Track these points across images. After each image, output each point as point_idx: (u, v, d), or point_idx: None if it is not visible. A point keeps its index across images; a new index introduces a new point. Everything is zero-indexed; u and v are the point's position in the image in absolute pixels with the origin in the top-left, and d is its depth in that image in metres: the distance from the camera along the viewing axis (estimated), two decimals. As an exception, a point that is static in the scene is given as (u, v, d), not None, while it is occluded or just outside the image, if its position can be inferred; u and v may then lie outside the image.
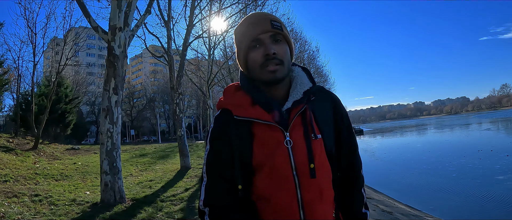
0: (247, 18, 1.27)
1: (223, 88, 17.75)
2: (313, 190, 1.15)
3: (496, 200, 9.63)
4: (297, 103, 1.21)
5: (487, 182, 11.60)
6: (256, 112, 1.18)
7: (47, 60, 23.82)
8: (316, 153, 1.18)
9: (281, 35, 1.22)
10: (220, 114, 1.27)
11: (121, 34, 5.84)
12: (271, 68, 1.17)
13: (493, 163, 15.34)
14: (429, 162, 17.86)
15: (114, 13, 5.85)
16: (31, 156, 13.95)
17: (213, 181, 1.20)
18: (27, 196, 6.76)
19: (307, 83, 1.28)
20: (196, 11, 12.25)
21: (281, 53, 1.20)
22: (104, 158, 5.77)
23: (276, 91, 1.24)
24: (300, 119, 1.21)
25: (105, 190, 5.76)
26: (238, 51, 1.28)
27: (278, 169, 1.14)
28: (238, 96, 1.25)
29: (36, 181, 8.92)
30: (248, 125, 1.18)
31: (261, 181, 1.16)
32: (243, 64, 1.27)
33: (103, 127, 5.81)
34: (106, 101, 5.80)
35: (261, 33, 1.19)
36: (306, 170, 1.15)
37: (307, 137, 1.18)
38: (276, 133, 1.16)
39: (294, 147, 1.16)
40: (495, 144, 23.45)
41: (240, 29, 1.26)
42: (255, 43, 1.20)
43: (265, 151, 1.16)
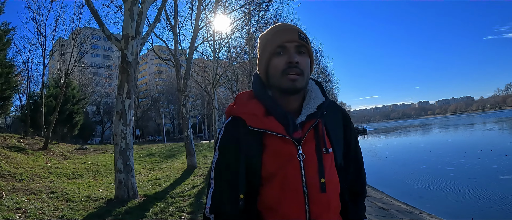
0: (275, 26, 1.30)
1: (228, 89, 18.23)
2: (322, 204, 1.17)
3: (491, 199, 9.88)
4: (311, 117, 1.23)
5: (483, 182, 11.86)
6: (270, 123, 1.19)
7: (54, 61, 24.25)
8: (327, 167, 1.20)
9: (305, 47, 1.24)
10: (231, 121, 1.27)
11: (133, 42, 6.30)
12: (291, 76, 1.19)
13: (492, 163, 15.56)
14: (429, 162, 18.11)
15: (127, 23, 6.31)
16: (42, 155, 14.43)
17: (221, 189, 1.22)
18: (44, 193, 7.23)
19: (320, 97, 1.30)
20: (202, 15, 12.72)
21: (303, 64, 1.22)
22: (118, 157, 6.23)
23: (290, 102, 1.26)
24: (313, 133, 1.22)
25: (119, 187, 6.22)
26: (261, 56, 1.29)
27: (289, 182, 1.15)
28: (251, 105, 1.26)
29: (50, 179, 9.40)
30: (260, 135, 1.20)
31: (270, 192, 1.18)
32: (264, 69, 1.28)
33: (117, 129, 6.27)
34: (120, 105, 6.26)
35: (287, 42, 1.21)
36: (316, 184, 1.16)
37: (319, 151, 1.20)
38: (289, 146, 1.17)
39: (306, 160, 1.17)
40: (495, 143, 23.59)
41: (267, 35, 1.28)
42: (280, 50, 1.22)
43: (277, 163, 1.17)
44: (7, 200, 6.30)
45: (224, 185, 1.21)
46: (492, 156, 17.35)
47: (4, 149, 12.83)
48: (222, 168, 1.23)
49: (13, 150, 13.35)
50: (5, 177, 8.78)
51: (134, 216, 5.25)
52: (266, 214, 1.18)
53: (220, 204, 1.19)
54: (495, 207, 9.19)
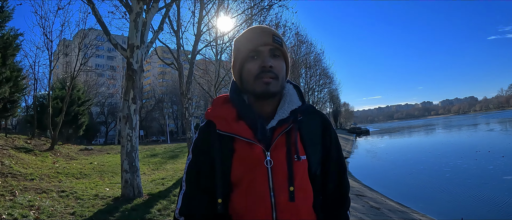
0: (249, 30, 1.27)
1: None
2: (290, 213, 1.14)
3: (482, 200, 10.20)
4: (283, 122, 1.20)
5: (477, 183, 12.17)
6: (239, 128, 1.18)
7: (58, 63, 24.74)
8: (298, 175, 1.16)
9: (280, 50, 1.23)
10: (205, 124, 1.27)
11: (138, 51, 6.73)
12: (265, 80, 1.17)
13: (488, 164, 15.85)
14: (427, 163, 18.39)
15: (132, 33, 6.74)
16: (49, 156, 14.87)
17: (192, 191, 1.21)
18: (54, 192, 7.67)
19: (296, 102, 1.27)
20: (204, 19, 13.12)
21: (278, 68, 1.20)
22: (125, 158, 6.67)
23: (264, 107, 1.24)
24: (284, 139, 1.19)
25: (125, 186, 6.67)
26: (235, 61, 1.27)
27: (255, 188, 1.14)
28: (224, 109, 1.25)
29: (59, 179, 9.83)
30: (231, 139, 1.18)
31: (238, 197, 1.16)
32: (238, 74, 1.27)
33: (123, 132, 6.71)
34: (126, 109, 6.70)
35: (261, 45, 1.19)
36: (285, 192, 1.13)
37: (290, 158, 1.16)
38: (257, 152, 1.15)
39: (274, 167, 1.15)
40: (494, 144, 23.79)
41: (241, 39, 1.26)
42: (253, 54, 1.20)
43: (244, 168, 1.16)
44: (20, 198, 6.74)
45: (195, 188, 1.21)
46: (489, 157, 17.60)
47: (13, 150, 13.27)
48: (194, 171, 1.23)
49: (21, 151, 13.79)
50: (16, 177, 9.21)
51: (139, 213, 5.70)
52: (236, 218, 1.17)
53: (190, 207, 1.19)
54: (485, 207, 9.50)
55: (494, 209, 9.31)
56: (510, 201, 9.82)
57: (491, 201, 10.03)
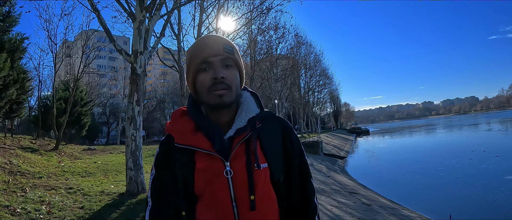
0: (200, 40, 1.25)
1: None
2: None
3: (472, 197, 10.67)
4: (241, 131, 1.20)
5: (468, 181, 12.62)
6: (197, 140, 1.17)
7: (61, 64, 25.22)
8: (259, 183, 1.16)
9: (232, 59, 1.22)
10: (165, 139, 1.27)
11: (142, 57, 7.19)
12: (219, 92, 1.16)
13: (481, 163, 16.32)
14: (423, 162, 18.90)
15: (135, 40, 7.20)
16: (54, 156, 15.32)
17: (157, 207, 1.20)
18: (62, 189, 8.12)
19: (253, 110, 1.26)
20: (205, 23, 13.59)
21: (230, 78, 1.19)
22: (129, 157, 7.14)
23: (221, 117, 1.23)
24: (243, 148, 1.19)
25: (130, 182, 7.13)
26: (187, 72, 1.26)
27: (217, 200, 1.14)
28: (182, 122, 1.24)
29: (65, 177, 10.29)
30: (191, 152, 1.18)
31: (202, 209, 1.16)
32: (191, 86, 1.25)
33: (128, 132, 7.17)
34: (131, 111, 7.16)
35: (211, 56, 1.18)
36: (246, 201, 1.14)
37: (249, 166, 1.16)
38: (216, 163, 1.15)
39: (235, 177, 1.14)
40: (490, 144, 24.29)
41: (192, 50, 1.24)
42: (205, 65, 1.18)
43: (205, 180, 1.15)
44: (31, 194, 7.19)
45: (160, 203, 1.20)
46: (483, 157, 18.04)
47: (20, 150, 13.72)
48: (158, 186, 1.22)
49: (27, 151, 14.24)
50: (25, 175, 9.67)
51: (144, 206, 6.16)
52: None
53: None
54: (474, 205, 9.98)
55: (482, 206, 9.74)
56: (498, 199, 10.28)
57: (480, 199, 10.46)
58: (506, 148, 21.33)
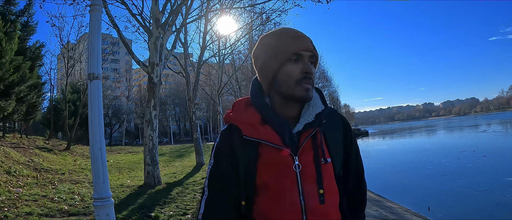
0: (286, 31, 1.24)
1: (232, 95, 20.59)
2: (320, 215, 1.14)
3: (452, 192, 11.42)
4: (309, 127, 1.19)
5: (451, 178, 13.39)
6: (266, 133, 1.16)
7: (72, 69, 26.35)
8: (326, 177, 1.17)
9: (315, 58, 1.22)
10: (227, 129, 1.24)
11: (158, 68, 8.35)
12: (306, 86, 1.16)
13: (468, 162, 17.01)
14: (414, 162, 19.59)
15: (152, 53, 8.36)
16: (67, 155, 16.46)
17: (215, 196, 1.19)
18: (86, 183, 9.26)
19: (319, 106, 1.26)
20: (210, 33, 14.72)
21: (314, 75, 1.20)
22: (147, 154, 8.29)
23: (288, 111, 1.22)
24: (310, 142, 1.19)
25: (147, 176, 8.27)
26: (268, 60, 1.21)
27: (285, 193, 1.13)
28: (248, 114, 1.22)
29: (84, 173, 11.41)
30: (256, 144, 1.16)
31: (266, 201, 1.15)
32: (271, 75, 1.21)
33: (146, 133, 8.32)
34: (148, 115, 8.31)
35: (303, 50, 1.17)
36: (315, 195, 1.13)
37: (317, 161, 1.17)
38: (285, 156, 1.14)
39: (303, 171, 1.14)
40: (482, 145, 24.74)
41: (279, 39, 1.21)
42: (295, 57, 1.17)
43: (272, 173, 1.15)
44: (60, 187, 8.33)
45: (218, 193, 1.19)
46: (471, 156, 18.62)
47: (37, 149, 14.85)
48: (217, 175, 1.21)
49: (43, 150, 15.36)
50: (49, 171, 10.80)
51: (162, 195, 7.32)
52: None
53: (213, 212, 1.18)
54: (452, 198, 10.70)
55: (459, 200, 10.48)
56: (476, 193, 11.15)
57: (459, 193, 11.21)
58: (495, 148, 21.89)
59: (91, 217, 5.81)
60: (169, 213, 5.88)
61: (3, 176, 8.38)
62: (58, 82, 31.34)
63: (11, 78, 10.80)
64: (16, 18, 14.19)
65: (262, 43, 1.26)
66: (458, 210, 9.47)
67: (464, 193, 11.23)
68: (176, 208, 6.20)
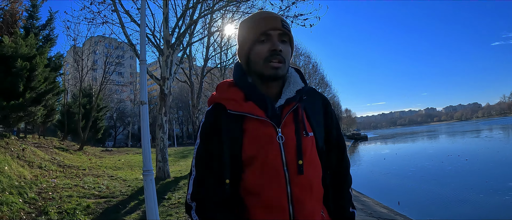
0: (257, 14, 1.31)
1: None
2: (303, 186, 1.17)
3: (423, 190, 12.52)
4: (290, 101, 1.25)
5: (428, 179, 14.59)
6: (249, 107, 1.21)
7: (86, 75, 28.09)
8: (307, 149, 1.21)
9: (288, 36, 1.26)
10: (211, 108, 1.29)
11: (168, 81, 10.05)
12: (274, 64, 1.21)
13: (449, 165, 18.14)
14: (400, 164, 20.94)
15: (164, 69, 10.06)
16: (81, 154, 18.11)
17: (202, 176, 1.23)
18: (106, 177, 10.91)
19: (299, 83, 1.32)
20: (213, 44, 16.41)
21: (286, 52, 1.24)
22: (158, 153, 9.97)
23: (269, 88, 1.28)
24: (292, 116, 1.24)
25: (158, 171, 9.95)
26: (242, 43, 1.30)
27: (269, 164, 1.16)
28: (231, 92, 1.27)
29: (102, 170, 13.04)
30: (240, 119, 1.21)
31: (251, 175, 1.18)
32: (245, 56, 1.29)
33: (158, 135, 10.00)
34: (160, 120, 10.00)
35: (271, 29, 1.22)
36: (294, 165, 1.17)
37: (298, 133, 1.21)
38: (269, 129, 1.19)
39: (286, 143, 1.18)
40: (468, 149, 26.02)
41: (249, 22, 1.29)
42: (263, 37, 1.23)
43: (256, 146, 1.18)
44: (86, 179, 9.96)
45: (205, 172, 1.23)
46: (455, 160, 19.70)
47: (55, 149, 16.50)
48: (203, 155, 1.24)
49: (61, 150, 17.00)
50: (71, 167, 12.42)
51: (171, 185, 9.02)
52: (248, 198, 1.19)
53: (201, 191, 1.21)
54: (423, 196, 11.78)
55: (429, 197, 11.54)
56: (446, 192, 11.89)
57: (431, 192, 12.28)
58: (480, 153, 22.69)
59: (118, 199, 7.49)
60: (178, 196, 7.61)
61: (37, 170, 10.02)
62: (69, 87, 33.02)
63: (41, 88, 12.52)
64: (38, 32, 15.95)
65: (239, 29, 1.34)
66: (424, 205, 10.56)
67: (435, 191, 12.24)
68: (183, 194, 7.90)
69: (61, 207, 6.31)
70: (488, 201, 10.09)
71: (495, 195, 10.59)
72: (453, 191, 11.98)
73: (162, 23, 10.38)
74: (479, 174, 14.79)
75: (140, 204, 6.96)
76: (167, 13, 10.09)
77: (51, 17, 16.96)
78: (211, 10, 10.68)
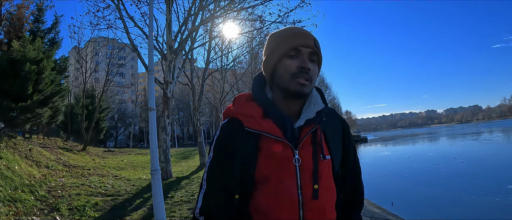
0: (291, 28, 1.29)
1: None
2: (316, 211, 1.16)
3: (420, 192, 12.62)
4: (310, 122, 1.22)
5: (424, 181, 14.68)
6: (268, 126, 1.18)
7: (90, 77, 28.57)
8: (323, 173, 1.19)
9: (317, 56, 1.25)
10: (227, 122, 1.26)
11: (171, 85, 10.48)
12: (301, 81, 1.18)
13: (444, 167, 18.29)
14: (397, 166, 21.07)
15: (167, 73, 10.49)
16: (85, 155, 18.57)
17: (213, 191, 1.20)
18: (111, 176, 11.35)
19: (320, 104, 1.29)
20: (214, 47, 16.83)
21: (313, 72, 1.22)
22: (161, 154, 10.40)
23: (290, 106, 1.25)
24: (310, 138, 1.21)
25: (161, 171, 10.24)
26: (270, 54, 1.27)
27: (284, 186, 1.14)
28: (249, 107, 1.24)
29: (106, 170, 13.49)
30: (256, 137, 1.18)
31: (264, 195, 1.16)
32: (271, 69, 1.26)
33: (160, 137, 10.43)
34: (163, 122, 10.44)
35: (302, 46, 1.21)
36: (309, 190, 1.15)
37: (315, 157, 1.19)
38: (286, 150, 1.17)
39: (302, 165, 1.16)
40: (465, 152, 26.21)
41: (280, 35, 1.27)
42: (294, 52, 1.21)
43: (272, 166, 1.16)
44: (91, 179, 10.40)
45: (216, 187, 1.20)
46: (451, 162, 19.78)
47: (60, 149, 16.94)
48: (216, 169, 1.22)
49: (65, 150, 17.44)
50: (76, 167, 12.86)
51: (174, 184, 9.47)
52: (258, 218, 1.17)
53: (210, 206, 1.18)
54: (417, 197, 11.93)
55: (423, 199, 11.65)
56: (440, 194, 11.97)
57: (425, 193, 12.40)
58: (477, 156, 22.69)
59: (123, 197, 7.92)
60: (180, 195, 8.05)
61: (45, 170, 10.46)
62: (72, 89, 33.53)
63: (48, 90, 12.97)
64: (44, 35, 16.40)
65: (268, 41, 1.32)
66: (418, 207, 10.67)
67: (429, 193, 12.37)
68: (185, 192, 8.35)
69: (71, 204, 6.75)
70: (479, 202, 10.31)
71: (486, 197, 10.78)
72: (446, 192, 12.13)
73: (164, 29, 10.83)
74: (473, 176, 14.85)
75: (145, 201, 7.40)
76: (170, 19, 10.54)
77: (56, 21, 17.43)
78: (212, 16, 11.10)
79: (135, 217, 6.31)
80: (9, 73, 11.20)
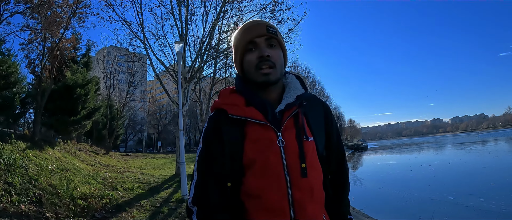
0: (244, 24, 1.35)
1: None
2: (304, 189, 1.21)
3: (399, 196, 13.47)
4: (290, 106, 1.28)
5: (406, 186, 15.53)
6: (251, 112, 1.25)
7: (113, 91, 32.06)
8: (308, 153, 1.25)
9: (275, 40, 1.30)
10: (214, 114, 1.34)
11: (185, 106, 14.04)
12: (264, 71, 1.26)
13: (418, 174, 19.83)
14: (384, 173, 22.41)
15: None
16: (109, 158, 21.93)
17: (203, 180, 1.26)
18: (139, 173, 14.80)
19: (300, 89, 1.36)
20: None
21: (275, 57, 1.28)
22: (177, 156, 13.93)
23: (269, 94, 1.33)
24: (292, 121, 1.28)
25: (177, 169, 13.94)
26: (235, 54, 1.35)
27: (270, 167, 1.20)
28: (233, 97, 1.32)
29: (133, 169, 16.90)
30: (242, 124, 1.25)
31: (252, 178, 1.22)
32: (239, 66, 1.35)
33: (177, 144, 13.92)
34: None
35: (256, 37, 1.27)
36: (297, 169, 1.21)
37: (299, 138, 1.25)
38: (269, 132, 1.23)
39: (286, 146, 1.22)
40: (438, 159, 28.05)
41: (237, 34, 1.35)
42: (251, 46, 1.28)
43: (257, 149, 1.22)
44: (125, 174, 13.84)
45: (207, 176, 1.26)
46: (426, 170, 20.83)
47: (91, 153, 20.40)
48: (205, 159, 1.28)
49: (94, 154, 20.86)
50: (110, 167, 16.24)
51: (188, 178, 13.01)
52: (249, 202, 1.22)
53: (202, 196, 1.24)
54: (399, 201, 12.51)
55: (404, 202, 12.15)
56: (404, 195, 13.41)
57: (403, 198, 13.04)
58: (466, 164, 23.26)
59: (154, 184, 11.42)
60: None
61: (91, 167, 13.93)
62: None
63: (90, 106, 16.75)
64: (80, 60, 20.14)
65: (232, 40, 1.40)
66: (387, 207, 11.64)
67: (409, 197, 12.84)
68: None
69: (123, 185, 10.31)
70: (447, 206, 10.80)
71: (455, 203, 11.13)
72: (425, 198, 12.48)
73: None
74: (437, 181, 16.11)
75: (170, 186, 10.94)
76: (184, 56, 14.14)
77: (88, 48, 21.16)
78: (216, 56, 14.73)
79: (168, 191, 9.87)
80: (65, 96, 15.03)
